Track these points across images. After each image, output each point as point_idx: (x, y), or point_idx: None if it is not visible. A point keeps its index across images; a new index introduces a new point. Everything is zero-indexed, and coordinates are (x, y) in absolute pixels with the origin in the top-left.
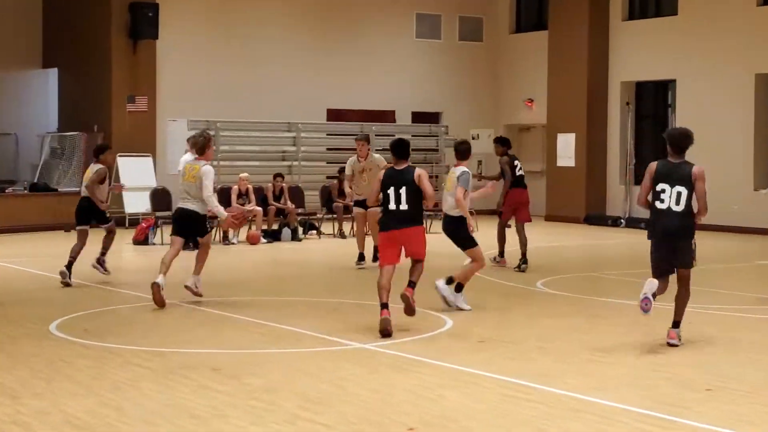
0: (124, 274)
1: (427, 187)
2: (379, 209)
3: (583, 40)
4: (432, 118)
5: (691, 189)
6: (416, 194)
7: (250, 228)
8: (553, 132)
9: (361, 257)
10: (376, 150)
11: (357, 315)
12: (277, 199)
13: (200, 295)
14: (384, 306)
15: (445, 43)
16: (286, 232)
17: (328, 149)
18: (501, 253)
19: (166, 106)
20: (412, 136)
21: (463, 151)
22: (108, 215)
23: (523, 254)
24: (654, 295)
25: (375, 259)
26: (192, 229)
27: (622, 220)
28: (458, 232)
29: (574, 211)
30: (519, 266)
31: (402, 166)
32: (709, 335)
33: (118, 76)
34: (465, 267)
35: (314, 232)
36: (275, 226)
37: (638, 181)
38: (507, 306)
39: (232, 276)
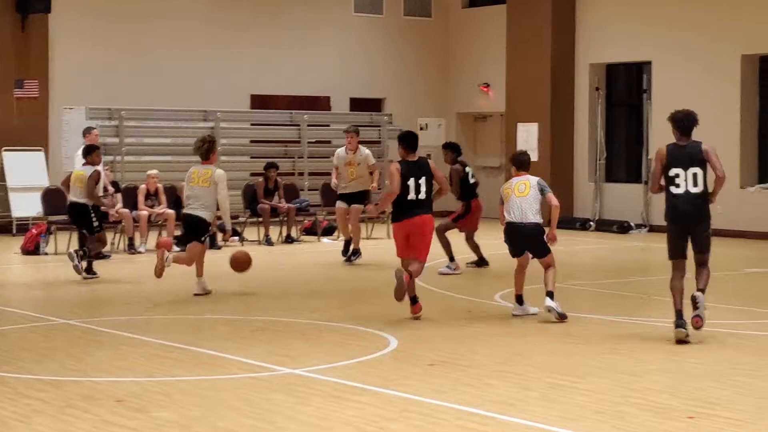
0: (12, 290)
1: (443, 177)
2: (360, 207)
3: (546, 16)
4: (373, 105)
5: (705, 168)
6: (431, 185)
7: (160, 234)
8: (512, 121)
9: (355, 253)
10: (309, 143)
11: (286, 335)
12: None
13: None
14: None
15: (388, 18)
16: None
17: (252, 142)
18: (481, 259)
19: (61, 92)
20: (350, 126)
21: (525, 161)
22: (97, 226)
23: (481, 258)
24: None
25: (345, 253)
26: (192, 234)
27: (592, 223)
28: (539, 239)
29: None
30: (481, 264)
31: (415, 158)
32: (689, 355)
33: (3, 56)
34: (548, 276)
35: (236, 238)
36: None
37: (609, 177)
38: (461, 323)
39: (138, 290)
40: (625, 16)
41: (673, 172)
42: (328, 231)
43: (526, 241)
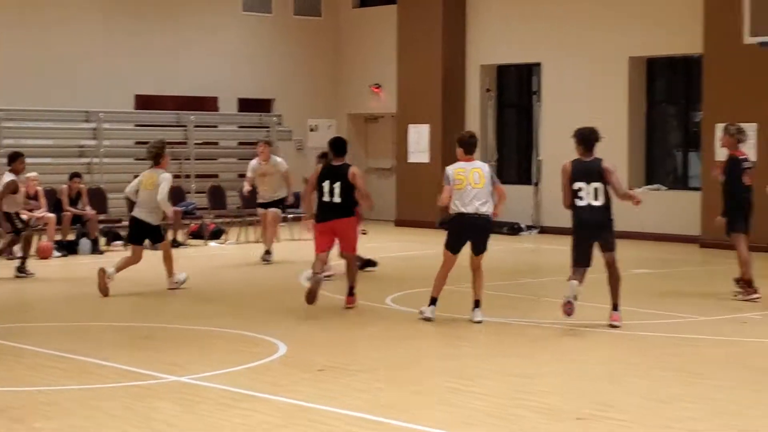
0: None
1: (361, 185)
2: (278, 210)
3: (437, 17)
4: (262, 105)
5: (605, 183)
6: (349, 189)
7: (39, 238)
8: (403, 123)
9: (267, 253)
10: (197, 145)
11: (172, 342)
12: (73, 203)
13: (185, 280)
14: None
15: (277, 17)
16: (85, 243)
17: (137, 143)
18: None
19: None
20: (239, 127)
21: (474, 144)
22: (19, 225)
23: (367, 260)
24: (575, 297)
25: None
26: (146, 236)
27: None
28: (488, 233)
29: (428, 215)
30: (366, 266)
31: (339, 163)
32: (580, 356)
33: None
34: (478, 284)
35: (119, 242)
36: (71, 236)
37: (500, 179)
38: (352, 327)
39: (19, 298)
40: (515, 18)
41: (576, 185)
42: (216, 234)
43: (476, 233)
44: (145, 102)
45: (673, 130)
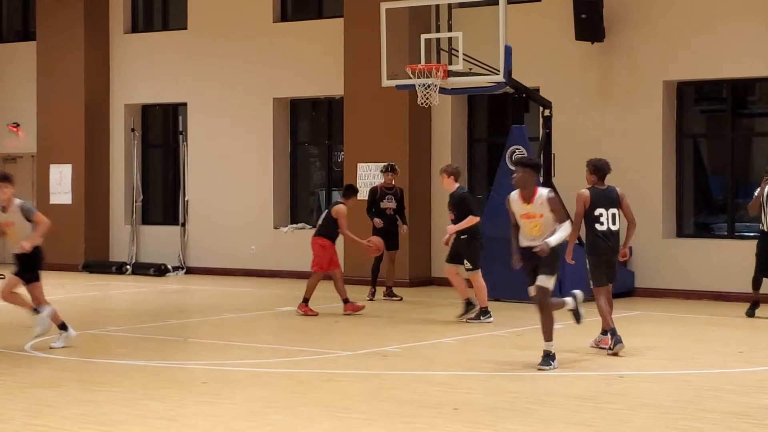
0: None
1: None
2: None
3: (78, 55)
4: None
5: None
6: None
7: None
8: (44, 163)
9: None
10: None
11: None
12: None
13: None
14: None
15: None
16: None
17: None
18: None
19: None
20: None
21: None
22: None
23: None
24: None
25: None
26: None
27: (128, 266)
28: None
29: (72, 257)
30: None
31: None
32: (224, 397)
33: None
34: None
35: None
36: None
37: (146, 219)
38: None
39: None
40: (161, 58)
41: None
42: None
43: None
44: None
45: (317, 169)
